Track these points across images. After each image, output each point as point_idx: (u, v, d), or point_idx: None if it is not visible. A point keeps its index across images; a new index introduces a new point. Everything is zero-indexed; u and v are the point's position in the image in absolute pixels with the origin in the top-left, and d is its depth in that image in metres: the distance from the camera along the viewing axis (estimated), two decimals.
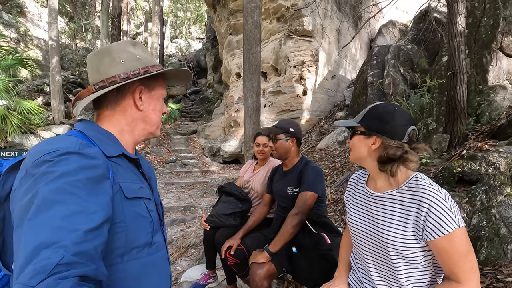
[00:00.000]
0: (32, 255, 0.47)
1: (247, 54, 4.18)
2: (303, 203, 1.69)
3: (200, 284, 2.32)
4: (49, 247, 0.47)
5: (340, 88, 8.19)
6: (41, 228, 0.50)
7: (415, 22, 6.07)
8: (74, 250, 0.49)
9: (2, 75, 6.16)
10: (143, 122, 0.84)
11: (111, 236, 0.63)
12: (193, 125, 11.71)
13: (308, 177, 1.75)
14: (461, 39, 2.88)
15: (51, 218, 0.51)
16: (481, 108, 3.27)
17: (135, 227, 0.70)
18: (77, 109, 0.78)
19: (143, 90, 0.82)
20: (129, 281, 0.68)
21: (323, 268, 1.47)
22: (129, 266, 0.68)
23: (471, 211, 2.15)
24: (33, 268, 0.45)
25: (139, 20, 25.27)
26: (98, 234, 0.55)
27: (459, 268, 0.85)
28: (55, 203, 0.53)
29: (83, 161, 0.61)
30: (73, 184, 0.56)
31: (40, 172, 0.57)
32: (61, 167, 0.58)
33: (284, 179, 1.94)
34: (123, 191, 0.69)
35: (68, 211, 0.53)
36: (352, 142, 1.07)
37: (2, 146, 6.43)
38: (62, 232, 0.50)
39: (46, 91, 10.84)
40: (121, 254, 0.67)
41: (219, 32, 9.70)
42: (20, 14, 14.19)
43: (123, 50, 0.79)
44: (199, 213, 4.56)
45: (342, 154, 5.02)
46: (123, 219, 0.67)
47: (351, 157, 1.11)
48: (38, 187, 0.55)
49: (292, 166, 1.93)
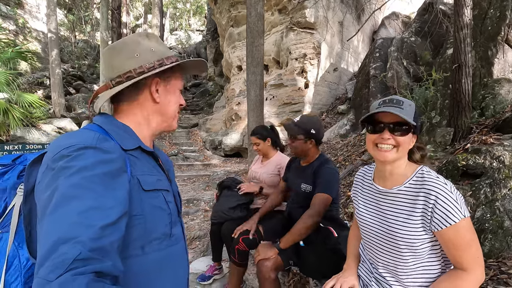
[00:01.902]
0: (51, 249, 0.48)
1: (250, 47, 4.14)
2: (318, 206, 1.66)
3: (206, 276, 2.36)
4: (67, 242, 0.48)
5: (342, 81, 8.14)
6: (59, 223, 0.51)
7: (419, 13, 6.00)
8: (91, 246, 0.49)
9: (2, 68, 6.11)
10: (160, 114, 0.83)
11: (129, 229, 0.63)
12: (194, 118, 11.69)
13: (324, 179, 1.72)
14: (467, 32, 2.85)
15: (69, 214, 0.52)
16: (485, 101, 3.26)
17: (154, 219, 0.71)
18: (97, 105, 0.79)
19: (159, 82, 0.81)
20: (151, 273, 0.69)
21: (331, 261, 1.49)
22: (150, 258, 0.69)
23: (475, 204, 2.16)
24: (52, 263, 0.46)
25: (138, 12, 24.95)
26: (114, 230, 0.55)
27: (465, 257, 0.88)
28: (73, 198, 0.54)
29: (100, 156, 0.62)
30: (90, 179, 0.57)
31: (58, 166, 0.58)
32: (78, 162, 0.58)
33: (300, 174, 1.92)
34: (141, 183, 0.70)
35: (85, 206, 0.53)
36: (405, 139, 0.95)
37: (4, 140, 6.43)
38: (80, 227, 0.51)
39: (46, 84, 10.80)
40: (141, 246, 0.68)
41: (219, 24, 9.59)
42: (18, 6, 14.01)
43: (137, 43, 0.78)
44: (202, 206, 4.59)
45: (344, 147, 5.02)
46: (141, 211, 0.68)
47: (396, 156, 0.97)
48: (57, 182, 0.56)
49: (309, 163, 1.90)
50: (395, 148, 0.96)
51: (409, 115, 0.93)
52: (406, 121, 0.92)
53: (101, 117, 0.78)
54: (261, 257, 1.65)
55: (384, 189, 1.04)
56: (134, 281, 0.66)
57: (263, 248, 1.71)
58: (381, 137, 0.96)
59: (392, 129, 0.95)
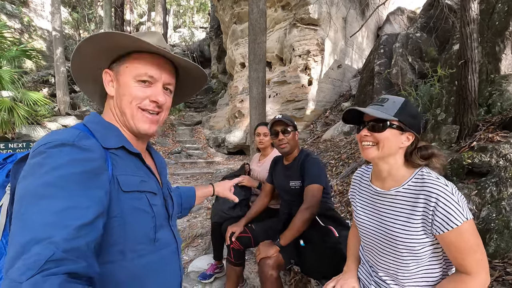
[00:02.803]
0: (23, 249, 0.46)
1: (252, 44, 4.11)
2: (311, 198, 1.67)
3: (207, 274, 2.36)
4: (39, 243, 0.46)
5: (346, 77, 8.06)
6: (32, 222, 0.49)
7: (424, 9, 5.90)
8: (65, 246, 0.48)
9: (7, 66, 6.17)
10: (120, 112, 0.76)
11: (108, 231, 0.61)
12: (197, 116, 11.71)
13: (312, 170, 1.74)
14: (474, 27, 2.79)
15: (42, 213, 0.50)
16: (492, 98, 3.19)
17: (134, 221, 0.68)
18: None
19: (107, 72, 0.76)
20: (135, 279, 0.67)
21: (332, 261, 1.47)
22: (133, 264, 0.67)
23: (480, 203, 2.12)
24: (23, 263, 0.44)
25: (141, 9, 24.98)
26: (90, 230, 0.53)
27: (468, 261, 0.85)
28: (47, 197, 0.52)
29: (76, 154, 0.59)
30: (64, 178, 0.55)
31: (33, 162, 0.57)
32: (53, 160, 0.57)
33: (285, 173, 1.92)
34: (120, 184, 0.67)
35: (59, 206, 0.51)
36: (384, 135, 0.94)
37: (10, 137, 6.50)
38: (54, 227, 0.49)
39: (51, 82, 10.88)
40: (122, 251, 0.65)
41: (223, 21, 9.55)
42: (23, 4, 14.12)
43: None
44: (205, 204, 4.59)
45: (348, 145, 4.98)
46: (120, 213, 0.65)
47: (379, 153, 0.96)
48: (30, 180, 0.54)
49: (293, 160, 1.91)
50: (376, 145, 0.96)
51: (388, 111, 0.94)
52: (382, 118, 0.93)
53: (89, 116, 0.76)
54: (262, 255, 1.64)
55: (382, 190, 1.02)
56: (117, 286, 0.64)
57: (264, 246, 1.69)
58: (361, 134, 0.99)
59: (371, 126, 0.97)
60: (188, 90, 0.94)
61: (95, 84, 0.82)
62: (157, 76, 0.74)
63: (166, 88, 0.78)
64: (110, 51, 0.74)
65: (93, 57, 0.75)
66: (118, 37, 0.69)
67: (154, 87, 0.75)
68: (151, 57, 0.74)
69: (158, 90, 0.75)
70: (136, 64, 0.73)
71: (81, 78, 0.82)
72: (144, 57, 0.73)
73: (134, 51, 0.74)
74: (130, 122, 0.75)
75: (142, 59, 0.73)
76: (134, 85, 0.73)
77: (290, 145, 1.86)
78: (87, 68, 0.78)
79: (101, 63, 0.77)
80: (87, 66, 0.78)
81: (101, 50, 0.73)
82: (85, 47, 0.72)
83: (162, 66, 0.75)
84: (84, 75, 0.81)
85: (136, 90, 0.73)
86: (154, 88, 0.75)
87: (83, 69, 0.79)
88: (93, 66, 0.77)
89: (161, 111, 0.78)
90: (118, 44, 0.71)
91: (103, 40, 0.70)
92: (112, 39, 0.70)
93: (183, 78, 0.87)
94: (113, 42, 0.70)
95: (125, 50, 0.74)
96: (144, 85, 0.74)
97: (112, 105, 0.77)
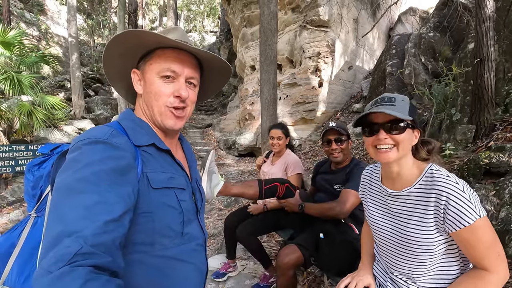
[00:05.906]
0: (55, 241, 0.49)
1: (263, 46, 4.14)
2: (346, 199, 1.64)
3: (220, 273, 2.38)
4: (70, 236, 0.50)
5: (357, 79, 7.99)
6: (65, 215, 0.53)
7: (437, 8, 5.80)
8: (92, 241, 0.50)
9: (26, 72, 6.40)
10: (149, 109, 0.78)
11: (136, 226, 0.64)
12: (208, 118, 11.82)
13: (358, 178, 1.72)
14: (490, 24, 2.74)
15: (74, 207, 0.53)
16: (510, 97, 3.10)
17: (163, 217, 0.70)
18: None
19: (135, 72, 0.79)
20: (161, 271, 0.69)
21: (349, 257, 1.47)
22: (160, 256, 0.69)
23: (499, 204, 2.07)
24: (54, 255, 0.48)
25: (153, 15, 25.50)
26: (117, 226, 0.55)
27: (486, 258, 0.84)
28: (79, 192, 0.55)
29: (108, 151, 0.62)
30: (96, 174, 0.57)
31: (70, 158, 0.61)
32: (86, 156, 0.60)
33: (331, 175, 1.90)
34: (150, 181, 0.69)
35: (90, 200, 0.54)
36: (404, 136, 0.91)
37: (29, 140, 6.73)
38: (84, 222, 0.52)
39: (67, 86, 11.22)
40: (151, 243, 0.67)
41: (233, 25, 9.64)
42: (41, 13, 14.67)
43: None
44: (217, 205, 4.63)
45: (360, 147, 4.93)
46: (149, 209, 0.67)
47: (399, 155, 0.92)
48: (66, 174, 0.58)
49: (343, 166, 1.87)
50: (395, 147, 0.92)
51: (403, 111, 0.90)
52: (401, 118, 0.89)
53: (123, 113, 0.79)
54: (288, 208, 1.77)
55: (394, 191, 1.00)
56: (145, 277, 0.66)
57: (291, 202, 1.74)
58: (377, 138, 0.93)
59: (389, 128, 0.91)
60: (214, 85, 0.95)
61: (126, 83, 0.85)
62: (179, 71, 0.75)
63: (190, 82, 0.79)
64: (135, 49, 0.77)
65: (120, 57, 0.78)
66: (140, 34, 0.72)
67: (177, 81, 0.76)
68: (173, 52, 0.75)
69: (181, 84, 0.76)
70: (159, 60, 0.75)
71: (113, 78, 0.85)
72: (167, 53, 0.75)
73: (158, 48, 0.76)
74: (157, 119, 0.77)
75: (165, 55, 0.75)
76: (158, 81, 0.75)
77: (343, 154, 1.83)
78: (117, 68, 0.81)
79: (129, 62, 0.80)
80: (117, 65, 0.81)
81: (127, 49, 0.76)
82: (112, 47, 0.75)
83: (184, 61, 0.76)
84: (115, 74, 0.84)
85: (160, 86, 0.74)
86: (176, 83, 0.76)
87: (114, 68, 0.82)
88: (122, 65, 0.80)
89: (186, 105, 0.78)
90: (141, 41, 0.74)
91: (127, 38, 0.73)
92: (135, 36, 0.72)
93: (208, 73, 0.88)
94: (137, 39, 0.73)
95: (149, 47, 0.76)
96: (168, 81, 0.75)
97: (141, 103, 0.80)
